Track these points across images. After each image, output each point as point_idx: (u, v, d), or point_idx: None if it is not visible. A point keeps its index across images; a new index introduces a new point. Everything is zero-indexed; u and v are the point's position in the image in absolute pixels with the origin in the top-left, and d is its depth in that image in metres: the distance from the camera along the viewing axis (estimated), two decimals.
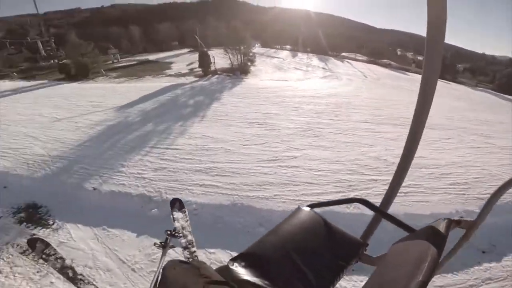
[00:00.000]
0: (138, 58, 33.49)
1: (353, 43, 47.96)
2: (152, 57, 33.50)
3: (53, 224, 5.81)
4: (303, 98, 14.49)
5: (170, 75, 21.68)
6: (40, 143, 9.07)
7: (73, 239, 5.36)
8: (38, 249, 1.15)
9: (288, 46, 41.93)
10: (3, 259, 5.02)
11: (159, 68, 25.71)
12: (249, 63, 22.71)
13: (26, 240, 5.36)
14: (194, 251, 1.30)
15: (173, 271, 0.84)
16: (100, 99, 14.02)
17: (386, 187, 1.18)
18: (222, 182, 6.86)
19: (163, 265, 0.91)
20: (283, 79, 20.46)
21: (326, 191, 6.48)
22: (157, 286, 0.89)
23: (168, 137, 9.49)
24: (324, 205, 1.18)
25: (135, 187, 6.80)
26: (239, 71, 21.20)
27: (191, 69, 23.79)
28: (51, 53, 31.59)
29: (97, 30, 46.42)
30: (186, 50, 38.23)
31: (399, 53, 60.32)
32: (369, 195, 6.26)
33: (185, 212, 1.54)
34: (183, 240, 1.38)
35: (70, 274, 1.13)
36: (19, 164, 7.81)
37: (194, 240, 1.43)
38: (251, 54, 22.96)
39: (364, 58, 39.72)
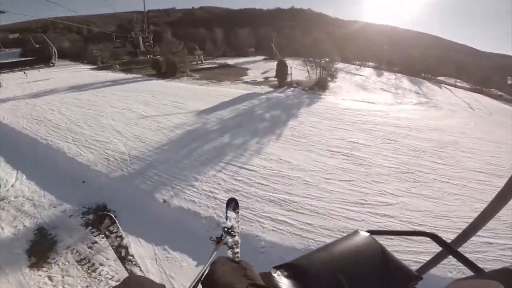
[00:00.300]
0: (218, 61, 35.19)
1: (451, 66, 41.10)
2: (230, 61, 34.79)
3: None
4: (397, 129, 12.13)
5: (246, 82, 21.60)
6: (124, 139, 9.32)
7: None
8: (105, 224, 1.19)
9: (370, 63, 38.39)
10: (58, 265, 4.82)
11: (236, 73, 26.17)
12: (329, 79, 21.01)
13: (95, 217, 5.80)
14: (238, 252, 1.32)
15: (222, 267, 0.83)
16: (182, 100, 14.39)
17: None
18: (297, 220, 5.79)
19: (212, 260, 0.93)
20: (368, 101, 18.11)
21: (428, 251, 4.72)
22: (202, 278, 0.84)
23: (243, 154, 8.68)
24: (386, 233, 1.11)
25: (205, 207, 6.14)
26: (317, 86, 19.71)
27: (266, 78, 23.36)
28: (149, 49, 35.09)
29: (187, 30, 50.85)
30: (261, 57, 38.68)
31: (509, 82, 49.56)
32: (479, 259, 4.93)
33: (238, 213, 1.53)
34: (230, 240, 1.36)
35: (123, 254, 1.16)
36: (100, 160, 8.00)
37: (240, 241, 1.40)
38: (333, 69, 21.22)
39: (466, 85, 33.44)
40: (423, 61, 35.47)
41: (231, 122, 11.48)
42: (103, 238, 5.37)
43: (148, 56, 33.99)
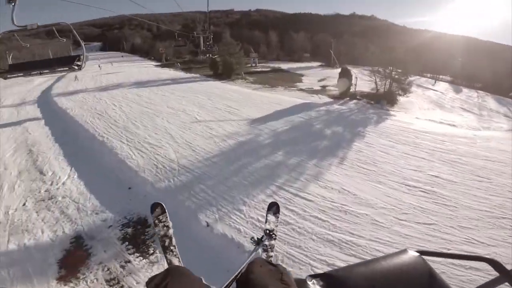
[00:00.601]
0: (271, 65, 34.46)
1: None
2: (284, 66, 33.74)
3: (152, 254, 5.02)
4: (488, 163, 9.51)
5: (301, 90, 20.19)
6: (175, 145, 8.85)
7: None
8: (156, 213, 1.22)
9: (445, 77, 33.38)
10: (86, 281, 4.34)
11: (290, 79, 24.96)
12: (400, 92, 18.35)
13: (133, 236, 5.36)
14: (272, 256, 1.32)
15: (259, 268, 0.84)
16: (236, 105, 13.75)
17: None
18: None
19: (250, 260, 0.93)
20: (448, 122, 15.15)
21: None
22: (238, 276, 0.84)
23: (298, 178, 7.41)
24: (439, 255, 1.15)
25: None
26: (385, 100, 17.27)
27: (323, 87, 21.59)
28: (208, 48, 35.81)
29: (243, 32, 51.49)
30: (316, 64, 36.78)
31: None
32: None
33: (278, 217, 1.46)
34: (266, 243, 1.34)
35: (166, 243, 1.17)
36: (149, 165, 7.55)
37: (275, 245, 1.38)
38: (406, 82, 18.47)
39: None
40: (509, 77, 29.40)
41: (285, 136, 10.27)
42: (137, 257, 4.92)
43: (207, 55, 34.85)
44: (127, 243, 5.27)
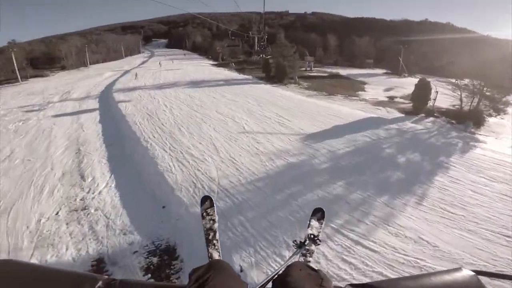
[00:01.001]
0: (328, 70, 32.05)
1: None
2: (342, 71, 31.03)
3: None
4: None
5: (364, 100, 17.73)
6: (218, 160, 7.90)
7: None
8: (205, 206, 1.28)
9: None
10: None
11: (350, 86, 22.46)
12: (492, 113, 14.64)
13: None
14: (309, 261, 1.28)
15: (298, 271, 0.80)
16: (287, 114, 12.36)
17: None
18: None
19: (289, 262, 0.91)
20: None
21: None
22: (275, 277, 0.81)
23: (362, 220, 5.84)
24: (497, 276, 0.89)
25: None
26: (472, 120, 13.85)
27: (391, 98, 18.67)
28: (262, 49, 35.36)
29: (298, 34, 49.59)
30: (381, 71, 33.01)
31: None
32: None
33: (322, 224, 1.40)
34: (308, 247, 1.30)
35: (210, 236, 1.19)
36: (187, 183, 6.72)
37: (315, 251, 1.33)
38: (503, 100, 14.63)
39: None
40: None
41: (347, 160, 8.49)
42: None
43: (261, 56, 34.24)
44: (149, 275, 4.69)
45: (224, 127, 10.48)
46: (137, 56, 50.37)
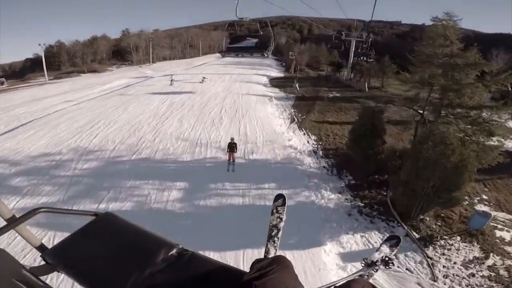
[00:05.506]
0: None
1: None
2: None
3: None
4: None
5: None
6: None
7: None
8: (277, 203, 1.32)
9: None
10: None
11: None
12: None
13: None
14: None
15: None
16: None
17: None
18: None
19: (353, 278, 0.94)
20: None
21: None
22: (335, 285, 0.84)
23: None
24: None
25: None
26: None
27: None
28: (363, 51, 29.80)
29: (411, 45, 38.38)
30: None
31: None
32: None
33: (394, 250, 1.34)
34: (377, 268, 1.27)
35: (273, 233, 1.23)
36: None
37: (374, 275, 1.28)
38: None
39: None
40: None
41: None
42: None
43: (362, 58, 27.61)
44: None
45: None
46: (215, 55, 47.80)
